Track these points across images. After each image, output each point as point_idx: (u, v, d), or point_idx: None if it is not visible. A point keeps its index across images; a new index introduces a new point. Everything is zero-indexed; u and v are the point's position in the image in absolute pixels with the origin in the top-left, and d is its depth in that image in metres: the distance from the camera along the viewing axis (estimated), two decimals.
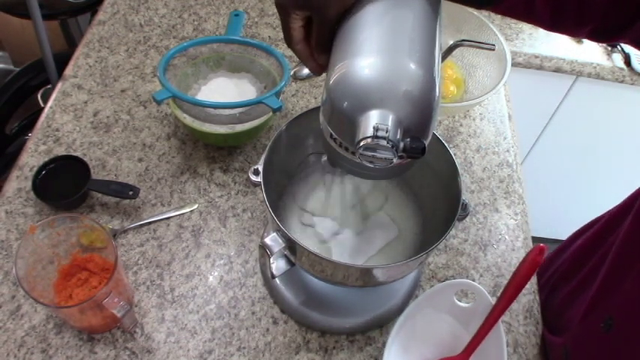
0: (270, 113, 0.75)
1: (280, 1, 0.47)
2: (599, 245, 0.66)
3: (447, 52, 0.84)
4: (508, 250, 0.78)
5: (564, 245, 0.78)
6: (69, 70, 0.91)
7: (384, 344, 0.66)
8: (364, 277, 0.58)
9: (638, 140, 1.41)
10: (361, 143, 0.39)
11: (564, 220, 1.69)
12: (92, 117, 0.85)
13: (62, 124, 0.84)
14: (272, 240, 0.54)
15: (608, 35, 0.53)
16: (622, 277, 0.55)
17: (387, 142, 0.39)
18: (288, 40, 0.50)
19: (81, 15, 1.46)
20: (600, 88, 1.26)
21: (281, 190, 0.69)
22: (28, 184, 0.75)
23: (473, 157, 0.88)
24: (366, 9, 0.44)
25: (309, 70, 0.52)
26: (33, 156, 0.80)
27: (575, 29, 0.53)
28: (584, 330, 0.61)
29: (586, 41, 1.23)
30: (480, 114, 0.94)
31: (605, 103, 1.32)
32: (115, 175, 0.79)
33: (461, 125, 0.92)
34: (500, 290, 0.61)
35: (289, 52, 1.01)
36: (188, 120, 0.77)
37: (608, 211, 0.69)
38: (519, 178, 0.86)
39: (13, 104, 1.34)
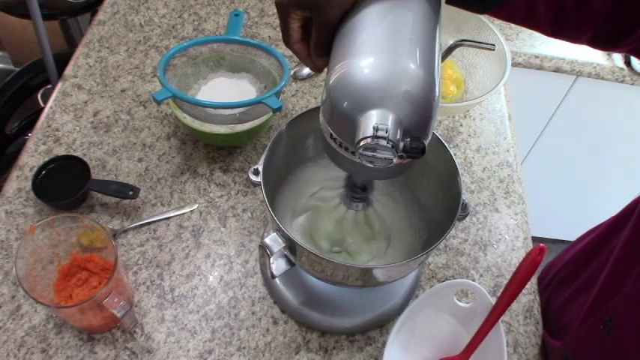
0: (270, 113, 0.75)
1: (280, 0, 0.47)
2: (600, 249, 0.66)
3: (447, 52, 0.84)
4: (508, 250, 0.78)
5: (565, 250, 0.78)
6: (69, 70, 0.91)
7: (384, 344, 0.66)
8: (364, 277, 0.58)
9: (638, 140, 1.41)
10: (361, 143, 0.39)
11: (564, 220, 1.70)
12: (92, 117, 0.85)
13: (62, 124, 0.84)
14: (272, 240, 0.54)
15: (608, 42, 0.53)
16: (622, 280, 0.55)
17: (387, 142, 0.39)
18: (286, 40, 0.50)
19: (81, 15, 1.46)
20: (600, 88, 1.26)
21: (281, 190, 0.69)
22: (28, 184, 0.75)
23: (473, 157, 0.88)
24: (366, 10, 0.44)
25: (309, 68, 0.52)
26: (33, 156, 0.80)
27: (577, 35, 0.53)
28: (583, 332, 0.61)
29: None
30: (480, 114, 0.94)
31: (605, 103, 1.32)
32: (115, 175, 0.79)
33: (461, 125, 0.92)
34: (500, 290, 0.61)
35: (289, 52, 1.01)
36: (188, 120, 0.77)
37: (610, 217, 0.70)
38: (519, 178, 0.86)
39: (13, 104, 1.34)
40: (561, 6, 0.50)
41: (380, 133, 0.39)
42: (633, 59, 1.19)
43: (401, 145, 0.40)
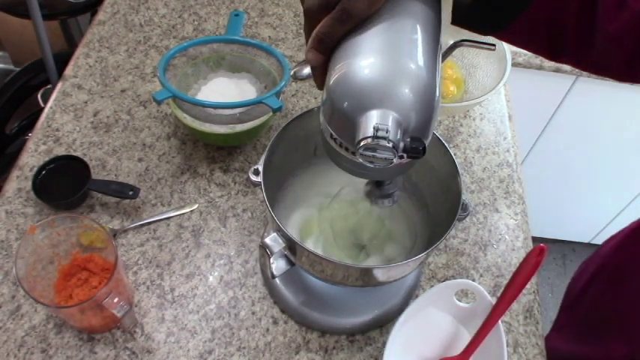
0: (270, 113, 0.75)
1: (310, 5, 0.44)
2: None
3: (447, 52, 0.84)
4: (508, 250, 0.78)
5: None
6: (69, 70, 0.91)
7: (384, 344, 0.66)
8: (364, 277, 0.58)
9: (638, 140, 1.41)
10: (361, 143, 0.39)
11: (564, 220, 1.70)
12: (92, 117, 0.85)
13: (62, 124, 0.84)
14: (272, 240, 0.54)
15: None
16: None
17: (388, 142, 0.39)
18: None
19: (81, 15, 1.46)
20: (600, 88, 1.26)
21: (281, 190, 0.69)
22: (28, 184, 0.75)
23: (473, 157, 0.88)
24: None
25: (317, 85, 0.48)
26: (33, 156, 0.80)
27: (577, 65, 0.52)
28: None
29: None
30: (480, 114, 0.94)
31: (605, 103, 1.32)
32: (115, 175, 0.79)
33: (461, 125, 0.92)
34: (501, 290, 0.61)
35: (289, 52, 1.01)
36: (188, 120, 0.77)
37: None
38: (519, 178, 0.87)
39: (13, 104, 1.34)
40: (560, 32, 0.48)
41: (380, 134, 0.38)
42: None
43: (401, 145, 0.40)
